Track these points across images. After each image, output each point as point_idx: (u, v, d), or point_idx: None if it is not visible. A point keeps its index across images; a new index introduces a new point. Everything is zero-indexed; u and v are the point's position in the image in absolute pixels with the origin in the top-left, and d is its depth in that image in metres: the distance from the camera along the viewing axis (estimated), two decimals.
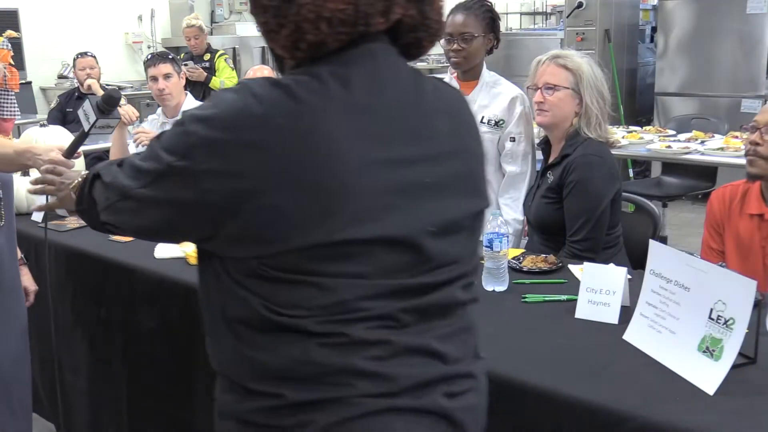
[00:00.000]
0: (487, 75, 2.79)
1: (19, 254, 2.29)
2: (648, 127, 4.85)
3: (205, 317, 1.12)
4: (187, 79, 4.00)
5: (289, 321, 1.00)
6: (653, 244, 1.65)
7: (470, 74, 2.78)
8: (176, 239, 1.24)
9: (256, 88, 1.00)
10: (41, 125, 3.00)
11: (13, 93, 4.79)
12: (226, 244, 1.03)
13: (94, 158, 4.24)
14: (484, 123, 2.73)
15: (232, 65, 6.22)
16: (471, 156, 1.18)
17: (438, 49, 2.78)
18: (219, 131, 0.98)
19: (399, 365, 1.03)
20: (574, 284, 1.97)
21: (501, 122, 2.72)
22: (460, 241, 1.13)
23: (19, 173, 2.50)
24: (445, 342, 1.09)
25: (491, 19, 2.71)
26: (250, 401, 1.03)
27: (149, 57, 3.65)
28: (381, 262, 1.02)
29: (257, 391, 1.03)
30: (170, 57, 3.65)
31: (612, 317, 1.78)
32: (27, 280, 2.35)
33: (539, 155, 2.72)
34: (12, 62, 4.75)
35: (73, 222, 2.72)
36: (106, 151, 3.93)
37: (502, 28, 3.09)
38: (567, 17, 6.68)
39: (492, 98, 2.75)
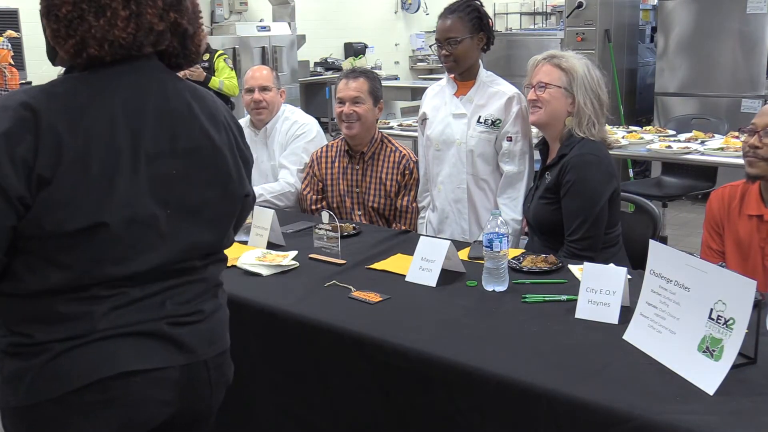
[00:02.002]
0: (484, 75, 2.79)
1: None
2: (648, 127, 4.84)
3: None
4: (187, 78, 4.00)
5: (44, 287, 1.26)
6: (653, 244, 1.65)
7: (467, 74, 2.78)
8: None
9: (28, 99, 1.21)
10: None
11: None
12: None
13: None
14: (481, 123, 2.73)
15: (232, 65, 6.21)
16: (219, 153, 1.41)
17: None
18: (11, 145, 1.17)
19: (131, 311, 1.31)
20: (574, 284, 1.97)
21: (498, 122, 2.71)
22: (203, 222, 1.39)
23: None
24: (176, 291, 1.37)
25: (478, 18, 2.70)
26: (10, 337, 1.31)
27: None
28: (127, 237, 1.28)
29: (16, 331, 1.30)
30: None
31: (612, 317, 1.78)
32: None
33: (537, 156, 2.72)
34: (12, 62, 4.75)
35: None
36: None
37: (502, 28, 3.09)
38: (567, 17, 6.68)
39: (489, 98, 2.75)
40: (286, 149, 3.31)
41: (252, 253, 2.36)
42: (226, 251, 1.53)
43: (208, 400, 1.46)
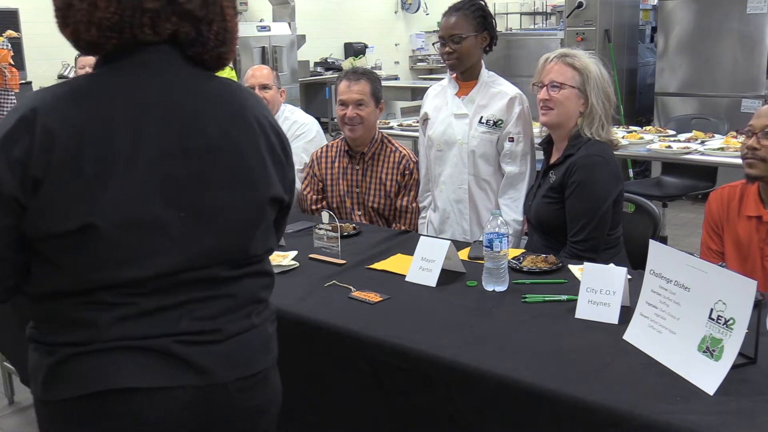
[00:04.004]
0: (485, 75, 2.79)
1: None
2: (648, 127, 4.84)
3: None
4: None
5: (51, 289, 1.25)
6: (653, 244, 1.65)
7: (468, 74, 2.78)
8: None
9: (36, 99, 1.20)
10: None
11: (13, 93, 4.79)
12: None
13: None
14: (482, 123, 2.73)
15: (232, 65, 6.22)
16: (239, 154, 1.31)
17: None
18: (9, 146, 1.17)
19: (140, 324, 1.25)
20: (574, 284, 1.97)
21: (499, 122, 2.71)
22: (220, 227, 1.30)
23: None
24: (196, 306, 1.29)
25: (482, 18, 2.70)
26: (32, 331, 1.31)
27: None
28: (125, 240, 1.22)
29: (35, 327, 1.31)
30: None
31: (612, 317, 1.78)
32: None
33: (540, 155, 2.72)
34: (12, 62, 4.74)
35: None
36: None
37: (502, 28, 3.09)
38: (567, 17, 6.68)
39: (490, 98, 2.75)
40: None
41: None
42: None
43: (232, 425, 1.36)
